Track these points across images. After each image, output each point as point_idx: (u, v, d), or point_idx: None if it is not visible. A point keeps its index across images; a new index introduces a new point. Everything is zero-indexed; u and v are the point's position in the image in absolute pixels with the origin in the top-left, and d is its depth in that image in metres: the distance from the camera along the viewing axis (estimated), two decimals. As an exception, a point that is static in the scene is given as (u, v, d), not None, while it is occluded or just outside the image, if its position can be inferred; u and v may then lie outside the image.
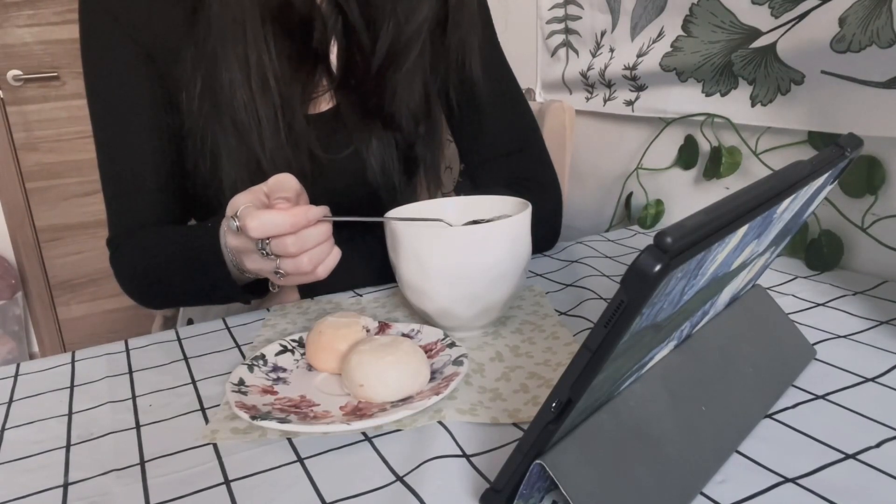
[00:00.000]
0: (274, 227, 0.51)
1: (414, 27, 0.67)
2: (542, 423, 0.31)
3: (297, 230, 0.52)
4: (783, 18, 0.72)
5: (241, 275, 0.62)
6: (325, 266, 0.55)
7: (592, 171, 1.14)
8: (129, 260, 0.70)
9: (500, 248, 0.54)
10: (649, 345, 0.34)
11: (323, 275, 0.56)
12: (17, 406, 0.51)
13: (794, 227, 0.45)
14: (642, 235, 0.90)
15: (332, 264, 0.56)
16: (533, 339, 0.57)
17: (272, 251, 0.53)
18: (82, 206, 2.28)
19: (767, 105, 0.77)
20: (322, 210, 0.54)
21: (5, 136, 2.12)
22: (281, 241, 0.52)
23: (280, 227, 0.51)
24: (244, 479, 0.40)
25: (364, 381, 0.46)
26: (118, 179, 0.70)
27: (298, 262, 0.53)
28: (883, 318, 0.57)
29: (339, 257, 0.57)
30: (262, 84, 0.65)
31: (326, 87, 0.72)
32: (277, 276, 0.55)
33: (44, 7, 2.08)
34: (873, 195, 0.68)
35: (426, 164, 0.80)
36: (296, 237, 0.52)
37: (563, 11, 1.13)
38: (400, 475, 0.39)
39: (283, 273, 0.55)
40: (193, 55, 0.66)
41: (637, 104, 0.99)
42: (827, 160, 0.40)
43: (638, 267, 0.25)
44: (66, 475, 0.42)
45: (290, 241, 0.52)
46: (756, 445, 0.39)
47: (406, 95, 0.72)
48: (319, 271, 0.55)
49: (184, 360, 0.58)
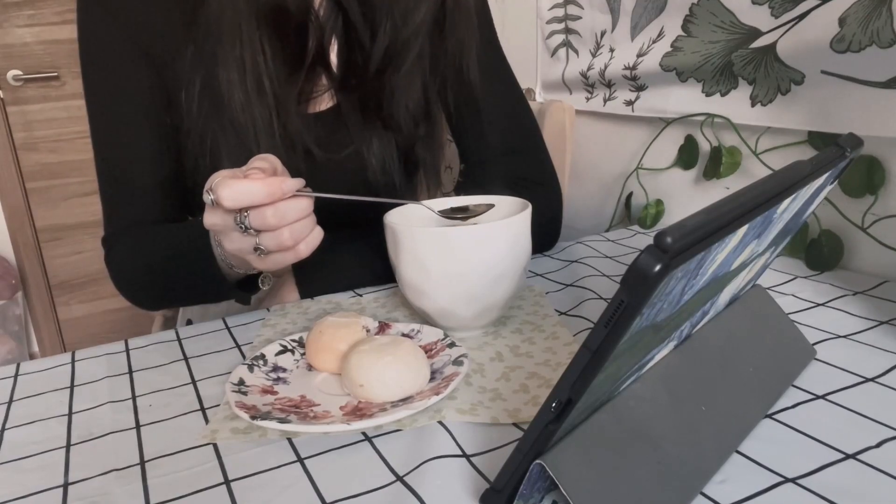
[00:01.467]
0: (248, 196, 0.49)
1: (411, 29, 0.67)
2: (542, 423, 0.31)
3: (274, 201, 0.50)
4: (783, 18, 0.72)
5: (231, 270, 0.61)
6: (307, 243, 0.53)
7: (592, 171, 1.14)
8: (122, 258, 0.70)
9: (500, 248, 0.54)
10: (649, 345, 0.34)
11: (305, 252, 0.53)
12: (17, 406, 0.51)
13: (794, 227, 0.45)
14: (642, 235, 0.90)
15: (314, 242, 0.54)
16: (533, 339, 0.57)
17: (251, 224, 0.50)
18: (82, 206, 2.28)
19: (767, 105, 0.77)
20: (298, 182, 0.51)
21: (5, 136, 2.12)
22: (260, 213, 0.50)
23: (254, 196, 0.49)
24: (244, 479, 0.40)
25: (364, 381, 0.46)
26: (114, 178, 0.70)
27: (279, 235, 0.51)
28: (883, 318, 0.57)
29: (322, 237, 0.54)
30: (258, 85, 0.65)
31: (326, 86, 0.72)
32: (258, 254, 0.52)
33: (44, 7, 2.08)
34: (873, 195, 0.68)
35: (426, 165, 0.80)
36: (274, 209, 0.50)
37: (563, 11, 1.13)
38: (400, 475, 0.39)
39: (264, 250, 0.52)
40: (193, 55, 0.66)
41: (637, 104, 0.99)
42: (827, 160, 0.40)
43: (638, 267, 0.25)
44: (66, 475, 0.42)
45: (269, 212, 0.50)
46: (756, 445, 0.39)
47: (405, 96, 0.72)
48: (301, 248, 0.53)
49: (184, 360, 0.58)
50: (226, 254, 0.59)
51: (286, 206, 0.51)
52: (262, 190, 0.49)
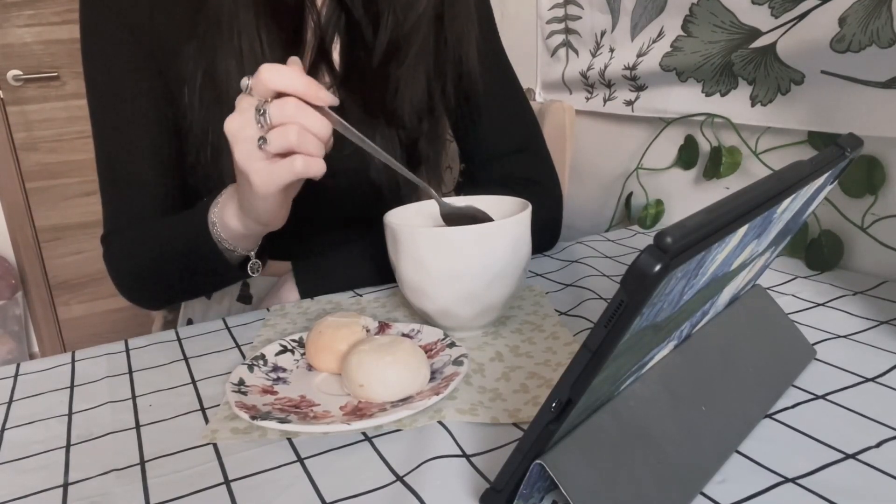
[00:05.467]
0: (289, 79, 0.49)
1: (412, 21, 0.67)
2: (542, 423, 0.31)
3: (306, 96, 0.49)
4: (783, 18, 0.72)
5: (227, 249, 0.62)
6: (306, 160, 0.50)
7: (592, 171, 1.14)
8: (120, 254, 0.70)
9: (499, 248, 0.54)
10: (649, 345, 0.34)
11: (300, 167, 0.51)
12: (17, 406, 0.51)
13: (794, 227, 0.45)
14: (642, 235, 0.90)
15: (315, 168, 0.51)
16: (533, 339, 0.57)
17: (270, 111, 0.49)
18: (82, 206, 2.28)
19: (767, 105, 0.77)
20: (333, 98, 0.51)
21: (5, 136, 2.12)
22: (282, 102, 0.49)
23: (293, 83, 0.49)
24: (244, 479, 0.40)
25: (364, 381, 0.46)
26: (115, 176, 0.70)
27: (287, 131, 0.49)
28: (883, 318, 0.57)
29: (324, 171, 0.52)
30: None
31: (329, 83, 0.72)
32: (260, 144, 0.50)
33: (44, 7, 2.08)
34: (873, 195, 0.68)
35: (428, 162, 0.80)
36: (297, 103, 0.49)
37: (563, 11, 1.13)
38: (400, 475, 0.39)
39: (266, 142, 0.50)
40: (195, 50, 0.66)
41: (637, 104, 0.99)
42: (827, 160, 0.40)
43: (638, 267, 0.25)
44: (66, 475, 0.42)
45: (291, 102, 0.49)
46: (756, 445, 0.39)
47: (408, 91, 0.72)
48: (298, 162, 0.50)
49: (184, 360, 0.58)
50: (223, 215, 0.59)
51: (309, 108, 0.50)
52: (301, 79, 0.49)
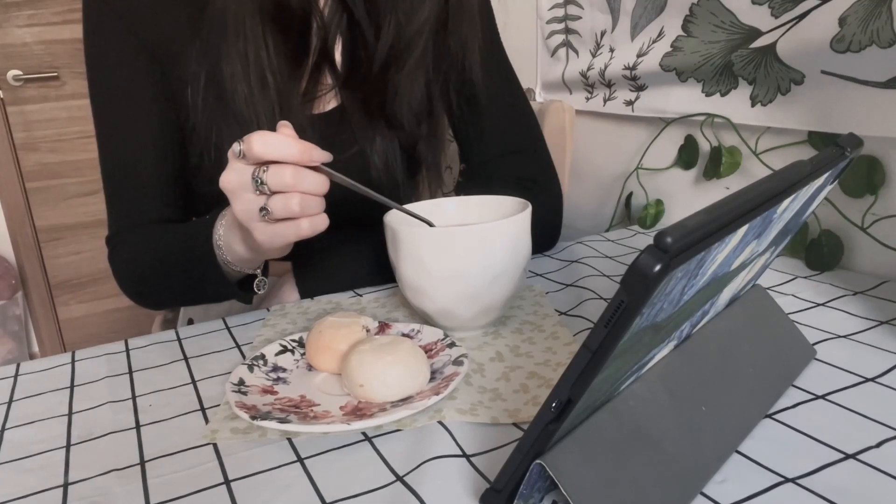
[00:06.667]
0: (281, 149, 0.49)
1: (414, 28, 0.67)
2: (542, 423, 0.31)
3: (301, 162, 0.50)
4: (783, 18, 0.72)
5: (231, 270, 0.62)
6: (311, 221, 0.52)
7: (592, 171, 1.14)
8: (126, 257, 0.70)
9: (499, 248, 0.54)
10: (649, 345, 0.34)
11: (307, 229, 0.52)
12: (17, 406, 0.51)
13: (794, 227, 0.45)
14: (642, 235, 0.90)
15: (318, 224, 0.53)
16: (533, 339, 0.57)
17: (268, 181, 0.50)
18: (82, 206, 2.28)
19: (767, 105, 0.77)
20: (326, 155, 0.51)
21: (5, 136, 2.12)
22: (280, 170, 0.49)
23: (286, 151, 0.49)
24: (244, 479, 0.40)
25: (364, 381, 0.46)
26: (118, 177, 0.70)
27: (289, 199, 0.50)
28: (883, 318, 0.57)
29: (327, 225, 0.53)
30: (261, 79, 0.65)
31: (330, 85, 0.72)
32: (263, 215, 0.51)
33: (44, 7, 2.08)
34: (873, 195, 0.68)
35: (428, 163, 0.81)
36: (294, 169, 0.50)
37: (563, 11, 1.13)
38: (400, 475, 0.39)
39: (270, 213, 0.51)
40: (199, 51, 0.66)
41: (637, 104, 0.99)
42: (827, 160, 0.39)
43: (638, 267, 0.25)
44: (66, 475, 0.42)
45: (289, 171, 0.49)
46: (756, 445, 0.39)
47: (408, 95, 0.72)
48: (304, 224, 0.52)
49: (184, 360, 0.58)
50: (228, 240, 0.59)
51: (306, 172, 0.50)
52: (293, 146, 0.49)
